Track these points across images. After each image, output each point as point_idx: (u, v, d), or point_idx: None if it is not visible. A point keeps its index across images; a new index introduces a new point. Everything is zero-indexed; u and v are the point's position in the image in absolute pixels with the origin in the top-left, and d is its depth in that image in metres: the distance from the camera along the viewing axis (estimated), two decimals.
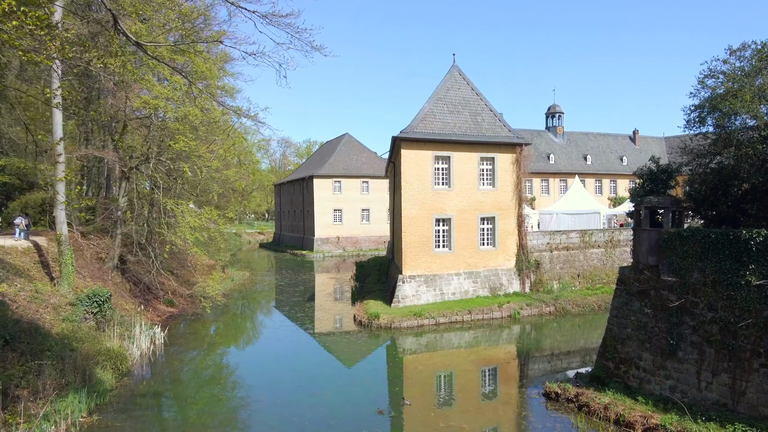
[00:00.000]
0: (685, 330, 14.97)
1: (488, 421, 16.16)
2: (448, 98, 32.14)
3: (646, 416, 14.49)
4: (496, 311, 28.88)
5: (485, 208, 31.34)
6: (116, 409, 16.72)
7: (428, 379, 20.36)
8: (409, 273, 29.93)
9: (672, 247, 15.32)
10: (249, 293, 39.71)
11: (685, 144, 16.88)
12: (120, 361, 19.95)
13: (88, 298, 22.08)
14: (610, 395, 15.90)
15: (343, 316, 30.87)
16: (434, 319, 27.54)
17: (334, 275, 49.18)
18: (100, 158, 33.32)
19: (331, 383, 19.24)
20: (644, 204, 16.09)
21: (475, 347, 24.45)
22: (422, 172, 29.92)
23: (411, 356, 23.33)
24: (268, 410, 16.42)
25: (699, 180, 15.86)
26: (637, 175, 18.00)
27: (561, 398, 16.83)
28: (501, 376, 20.61)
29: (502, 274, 31.81)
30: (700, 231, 14.69)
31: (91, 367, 18.45)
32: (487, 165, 31.45)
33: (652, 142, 64.28)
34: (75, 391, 16.55)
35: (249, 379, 19.92)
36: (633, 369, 16.33)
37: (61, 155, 23.76)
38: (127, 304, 26.74)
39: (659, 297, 15.65)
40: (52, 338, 18.88)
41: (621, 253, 35.43)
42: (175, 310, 30.49)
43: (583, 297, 31.42)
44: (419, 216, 29.96)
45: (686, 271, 15.01)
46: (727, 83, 14.70)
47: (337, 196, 68.03)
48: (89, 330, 21.37)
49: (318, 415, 16.01)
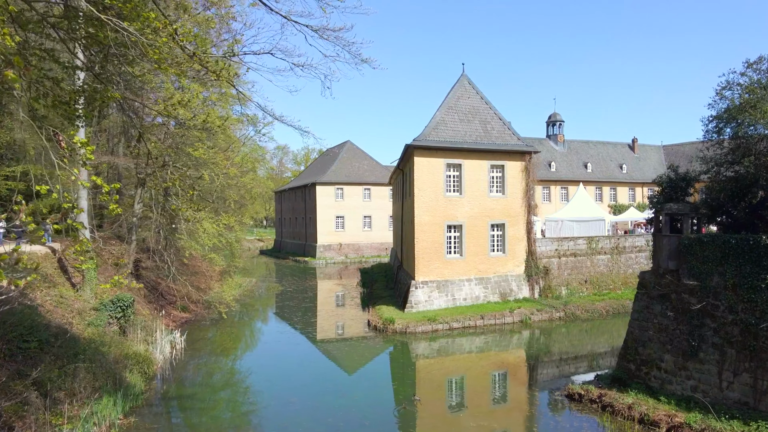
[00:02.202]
0: (706, 332, 15.54)
1: (516, 422, 16.65)
2: (459, 107, 32.81)
3: (670, 415, 15.02)
4: (508, 316, 29.39)
5: (495, 214, 31.94)
6: (150, 412, 17.07)
7: (457, 381, 20.83)
8: (422, 279, 30.41)
9: (692, 252, 15.92)
10: (258, 299, 39.99)
11: (704, 153, 17.55)
12: (147, 365, 20.27)
13: (112, 303, 22.39)
14: (633, 395, 16.43)
15: (356, 321, 31.26)
16: (448, 324, 28.00)
17: (338, 282, 49.53)
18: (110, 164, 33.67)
19: (357, 385, 19.68)
20: (664, 210, 16.70)
21: (490, 351, 24.93)
22: (434, 179, 30.50)
23: (430, 360, 23.80)
24: (300, 412, 16.80)
25: (718, 187, 16.52)
26: (657, 182, 18.64)
27: (584, 399, 17.34)
28: (521, 378, 21.12)
29: (512, 280, 32.37)
30: (721, 237, 15.31)
31: (120, 371, 18.77)
32: (497, 172, 32.09)
33: (650, 150, 65.36)
34: (108, 393, 16.87)
35: (275, 383, 20.27)
36: (654, 370, 16.87)
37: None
38: (143, 310, 27.02)
39: (680, 300, 16.23)
40: (81, 342, 19.18)
41: (626, 260, 36.13)
42: (188, 316, 30.76)
43: (592, 303, 32.02)
44: (431, 222, 30.50)
45: (706, 275, 15.61)
46: (744, 95, 15.40)
47: (339, 203, 68.50)
48: (113, 335, 21.70)
49: (350, 415, 16.45)
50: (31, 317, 18.49)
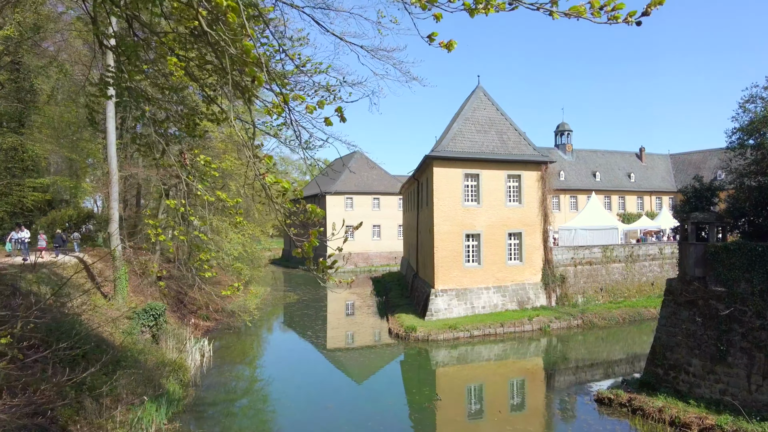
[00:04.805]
0: (734, 337, 16.03)
1: (547, 426, 17.10)
2: (475, 118, 33.46)
3: (701, 417, 15.48)
4: (527, 324, 29.83)
5: (512, 224, 32.48)
6: (191, 417, 17.54)
7: (493, 386, 21.31)
8: (441, 287, 30.90)
9: (719, 260, 16.45)
10: (276, 308, 40.44)
11: (728, 164, 18.12)
12: (183, 372, 20.75)
13: (145, 312, 22.90)
14: (663, 399, 16.89)
15: (376, 329, 31.70)
16: (468, 332, 28.45)
17: (350, 291, 49.93)
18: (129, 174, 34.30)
19: (390, 391, 20.15)
20: (690, 219, 17.25)
21: (512, 359, 25.40)
22: (453, 189, 31.09)
23: (456, 366, 24.26)
24: (338, 416, 17.29)
25: (743, 197, 17.08)
26: (682, 192, 19.22)
27: (614, 403, 17.79)
28: (547, 383, 21.59)
29: (529, 289, 32.84)
30: (747, 244, 15.85)
31: (158, 378, 19.27)
32: (513, 182, 32.67)
33: (658, 160, 65.93)
34: (151, 400, 17.35)
35: (308, 389, 20.71)
36: (682, 374, 17.33)
37: (115, 174, 24.80)
38: (170, 318, 27.51)
39: (707, 306, 16.74)
40: (120, 350, 19.69)
41: (640, 268, 36.60)
42: (211, 324, 31.22)
43: (608, 311, 32.45)
44: (450, 231, 31.04)
45: (733, 281, 16.13)
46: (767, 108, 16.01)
47: (348, 212, 69.05)
48: (146, 343, 22.21)
49: (388, 419, 16.92)
50: (72, 325, 19.03)
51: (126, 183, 38.74)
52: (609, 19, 3.20)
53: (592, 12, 3.21)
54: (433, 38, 3.88)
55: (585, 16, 3.24)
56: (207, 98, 6.57)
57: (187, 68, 5.63)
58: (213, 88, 6.73)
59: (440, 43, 3.90)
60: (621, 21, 3.20)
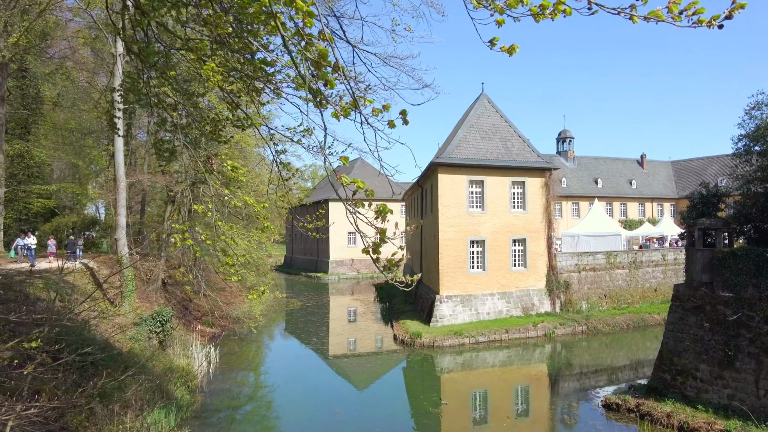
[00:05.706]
0: (742, 342, 16.08)
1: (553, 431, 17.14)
2: (479, 125, 33.65)
3: (709, 422, 15.50)
4: (532, 330, 29.86)
5: (516, 230, 32.59)
6: (200, 423, 17.55)
7: (498, 392, 21.34)
8: (446, 293, 30.95)
9: (726, 265, 16.54)
10: (281, 315, 40.47)
11: (734, 170, 18.25)
12: (190, 378, 20.78)
13: (152, 318, 22.95)
14: (671, 404, 16.92)
15: (381, 335, 31.73)
16: (474, 338, 28.47)
17: (354, 297, 50.00)
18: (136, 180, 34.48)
19: (396, 397, 20.17)
20: (697, 225, 17.36)
21: (520, 365, 25.40)
22: (458, 195, 31.21)
23: (461, 372, 24.27)
24: (345, 422, 17.30)
25: (750, 203, 17.20)
26: (688, 198, 19.34)
27: (621, 409, 17.81)
28: (552, 389, 21.58)
29: (534, 295, 32.89)
30: (755, 250, 15.95)
31: (166, 384, 19.30)
32: (518, 189, 32.81)
33: (659, 166, 66.15)
34: (159, 406, 17.38)
35: (315, 395, 20.73)
36: (690, 380, 17.36)
37: (123, 181, 24.94)
38: (175, 325, 27.54)
39: (715, 311, 16.80)
40: (128, 356, 19.74)
41: (644, 274, 36.63)
42: (216, 331, 31.25)
43: (612, 317, 32.47)
44: (455, 238, 31.13)
45: (741, 287, 16.21)
46: None
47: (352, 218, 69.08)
48: (153, 349, 22.24)
49: (395, 425, 16.95)
50: (80, 332, 19.09)
51: (131, 190, 38.98)
52: (693, 23, 3.34)
53: (671, 16, 3.36)
54: (494, 43, 4.05)
55: (664, 20, 3.39)
56: (232, 104, 6.69)
57: (220, 74, 5.75)
58: (237, 94, 6.85)
59: (501, 48, 4.08)
60: (705, 24, 3.35)
